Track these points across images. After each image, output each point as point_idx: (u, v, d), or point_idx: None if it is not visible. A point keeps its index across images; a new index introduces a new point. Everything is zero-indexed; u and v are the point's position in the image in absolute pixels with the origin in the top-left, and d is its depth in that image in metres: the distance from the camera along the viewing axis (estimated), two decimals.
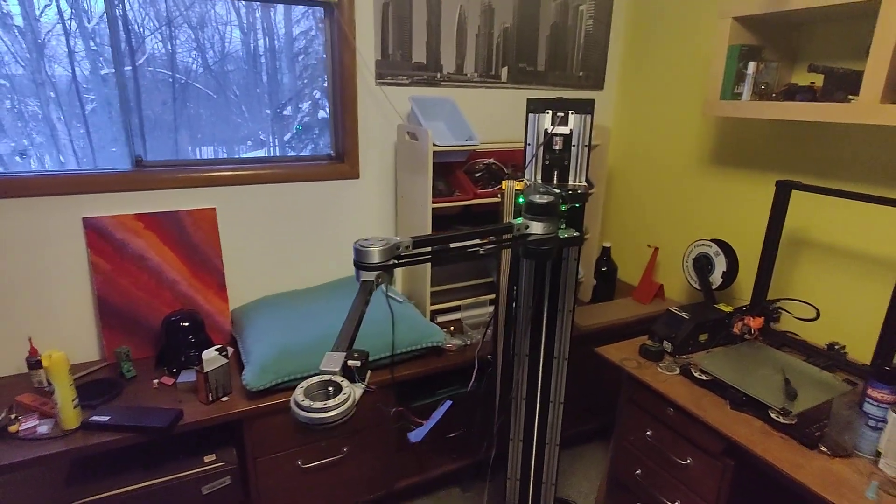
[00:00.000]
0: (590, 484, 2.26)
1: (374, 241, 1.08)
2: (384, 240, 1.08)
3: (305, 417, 0.82)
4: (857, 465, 1.31)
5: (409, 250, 1.13)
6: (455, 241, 1.20)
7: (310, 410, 0.82)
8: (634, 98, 2.58)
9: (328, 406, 0.82)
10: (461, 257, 1.23)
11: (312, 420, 0.81)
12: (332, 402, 0.82)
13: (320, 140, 2.22)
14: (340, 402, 0.83)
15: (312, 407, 0.82)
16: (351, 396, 0.85)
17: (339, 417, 0.82)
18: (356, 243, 1.08)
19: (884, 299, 1.72)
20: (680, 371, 1.69)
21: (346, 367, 0.91)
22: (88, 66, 1.79)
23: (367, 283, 1.07)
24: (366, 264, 1.07)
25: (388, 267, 1.09)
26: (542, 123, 1.44)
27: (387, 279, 1.10)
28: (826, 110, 1.57)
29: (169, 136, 1.94)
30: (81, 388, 1.64)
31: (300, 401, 0.83)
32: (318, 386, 0.87)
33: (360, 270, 1.08)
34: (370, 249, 1.06)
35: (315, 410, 0.81)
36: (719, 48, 1.82)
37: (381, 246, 1.06)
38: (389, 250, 1.08)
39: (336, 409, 0.82)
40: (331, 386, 0.87)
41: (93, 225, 1.78)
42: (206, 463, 1.64)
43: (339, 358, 0.91)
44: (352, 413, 0.84)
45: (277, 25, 2.04)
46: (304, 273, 2.21)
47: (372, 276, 1.07)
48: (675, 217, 2.44)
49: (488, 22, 2.27)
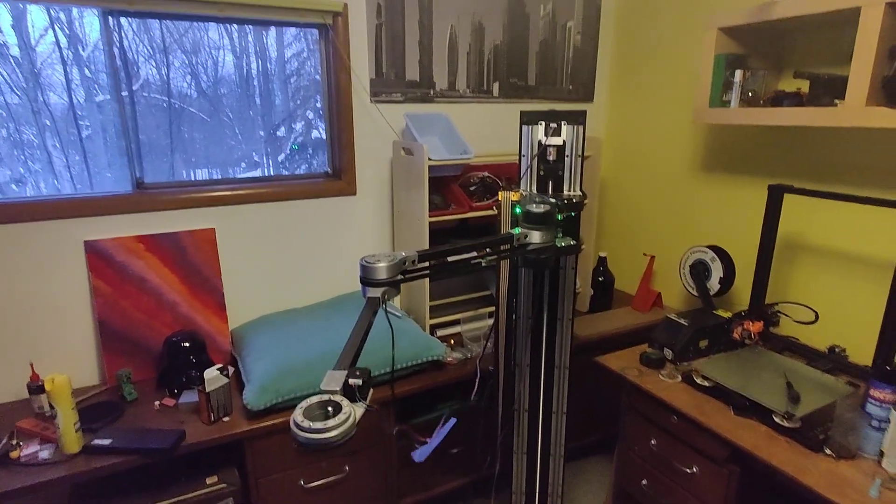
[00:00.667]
0: (595, 497, 2.24)
1: (381, 257, 1.06)
2: (390, 255, 1.07)
3: (304, 438, 0.81)
4: (861, 465, 1.31)
5: (416, 265, 1.11)
6: (459, 253, 1.20)
7: (309, 431, 0.80)
8: (624, 109, 2.62)
9: (328, 426, 0.80)
10: (464, 270, 1.22)
11: (312, 441, 0.80)
12: (333, 422, 0.81)
13: (314, 160, 2.24)
14: (341, 422, 0.81)
15: (312, 427, 0.80)
16: (351, 416, 0.83)
17: (339, 438, 0.81)
18: (362, 260, 1.06)
19: (881, 300, 1.73)
20: (682, 378, 1.69)
21: (348, 386, 0.89)
22: (83, 93, 1.81)
23: (374, 300, 1.05)
24: (373, 280, 1.05)
25: (395, 283, 1.07)
26: (536, 135, 1.46)
27: (393, 295, 1.09)
28: (813, 115, 1.59)
29: (164, 159, 1.96)
30: (83, 411, 1.62)
31: (299, 421, 0.81)
32: (318, 406, 0.86)
33: (366, 287, 1.06)
34: (377, 266, 1.04)
35: (315, 431, 0.80)
36: (706, 58, 1.86)
37: (388, 262, 1.05)
38: (396, 266, 1.06)
39: (336, 430, 0.81)
40: (331, 405, 0.85)
41: (94, 248, 1.79)
42: (208, 485, 1.63)
43: (340, 377, 0.90)
44: (353, 433, 0.83)
45: (270, 48, 2.08)
46: (303, 291, 2.22)
47: (378, 293, 1.05)
48: (670, 225, 2.46)
49: (479, 40, 2.31)
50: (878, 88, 1.46)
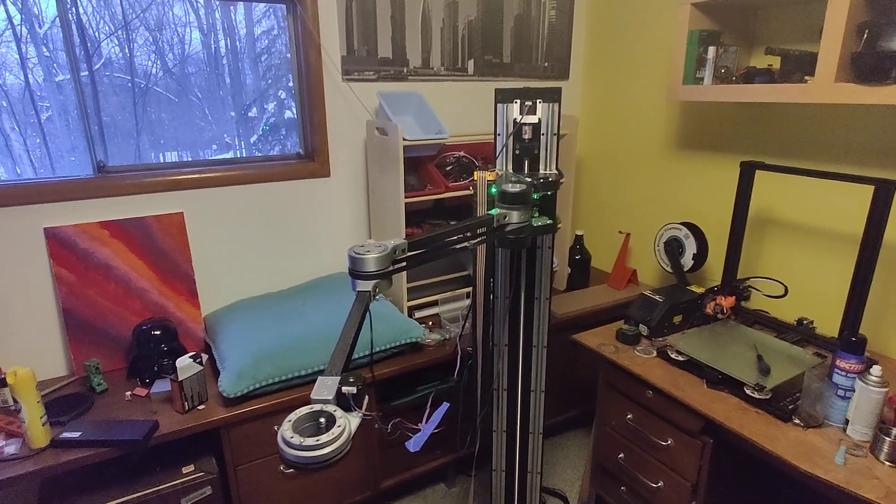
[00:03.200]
0: (574, 471, 2.28)
1: (370, 247, 0.98)
2: (379, 244, 0.99)
3: (294, 456, 0.72)
4: (828, 433, 1.35)
5: (406, 253, 1.04)
6: (445, 238, 1.15)
7: (300, 448, 0.72)
8: (600, 87, 2.61)
9: (321, 442, 0.72)
10: (450, 253, 1.18)
11: (303, 459, 0.72)
12: (326, 438, 0.72)
13: (288, 140, 2.18)
14: (334, 437, 0.73)
15: (303, 444, 0.72)
16: (346, 429, 0.75)
17: (332, 455, 0.73)
18: (351, 251, 0.98)
19: (847, 274, 1.77)
20: (657, 353, 1.72)
21: (341, 395, 0.81)
22: (42, 73, 1.73)
23: (364, 294, 0.97)
24: (364, 273, 0.97)
25: (387, 274, 0.99)
26: (511, 113, 1.44)
27: (385, 288, 1.01)
28: (784, 91, 1.61)
29: (130, 142, 1.89)
30: (50, 404, 1.58)
31: (289, 437, 0.72)
32: (308, 417, 0.77)
33: (356, 280, 0.98)
34: (367, 256, 0.96)
35: (306, 448, 0.72)
36: (679, 34, 1.86)
37: (379, 252, 0.97)
38: (388, 256, 0.98)
39: (329, 446, 0.72)
40: (322, 417, 0.77)
41: (55, 235, 1.72)
42: (184, 474, 1.60)
43: (332, 383, 0.81)
44: (348, 448, 0.75)
45: (238, 25, 2.00)
46: (278, 275, 2.18)
47: (369, 286, 0.97)
48: (644, 202, 2.48)
49: (452, 15, 2.27)
50: (847, 65, 1.47)
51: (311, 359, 1.71)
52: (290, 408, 1.68)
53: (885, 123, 1.65)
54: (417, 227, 2.13)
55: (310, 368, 1.71)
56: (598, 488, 1.96)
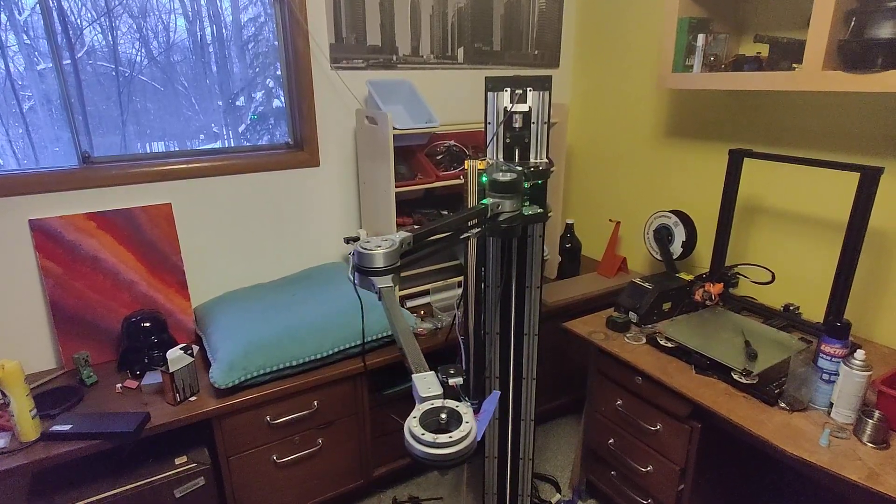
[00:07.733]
0: (565, 458, 2.31)
1: (378, 242, 0.98)
2: (386, 238, 0.99)
3: (424, 453, 0.71)
4: (813, 417, 1.38)
5: (411, 245, 1.04)
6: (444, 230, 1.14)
7: (432, 446, 0.71)
8: (590, 75, 2.60)
9: (454, 439, 0.71)
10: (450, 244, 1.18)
11: (433, 457, 0.71)
12: (458, 434, 0.71)
13: (276, 130, 2.16)
14: (465, 435, 0.72)
15: (437, 441, 0.70)
16: (472, 426, 0.74)
17: (465, 452, 0.72)
18: (358, 246, 0.98)
19: (833, 260, 1.80)
20: (646, 340, 1.74)
21: (448, 387, 0.80)
22: (23, 61, 1.69)
23: (388, 290, 0.97)
24: (376, 269, 0.97)
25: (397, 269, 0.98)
26: (501, 102, 1.44)
27: (396, 281, 1.01)
28: (772, 79, 1.61)
29: (115, 132, 1.86)
30: (39, 397, 1.57)
31: (419, 434, 0.72)
32: (429, 413, 0.76)
33: (373, 278, 0.97)
34: (377, 252, 0.96)
35: (438, 446, 0.71)
36: (669, 22, 1.85)
37: (388, 247, 0.97)
38: (396, 250, 0.98)
39: (461, 444, 0.71)
40: (444, 412, 0.76)
41: (41, 227, 1.70)
42: (177, 465, 1.60)
43: (433, 378, 0.79)
44: (475, 445, 0.74)
45: (224, 12, 1.97)
46: (268, 265, 2.17)
47: (389, 281, 0.97)
48: (634, 190, 2.49)
49: (442, 2, 2.24)
50: (835, 53, 1.48)
51: (302, 349, 1.71)
52: (281, 398, 1.69)
53: (871, 111, 1.67)
54: (408, 216, 2.12)
55: (301, 358, 1.71)
56: (588, 473, 1.99)
